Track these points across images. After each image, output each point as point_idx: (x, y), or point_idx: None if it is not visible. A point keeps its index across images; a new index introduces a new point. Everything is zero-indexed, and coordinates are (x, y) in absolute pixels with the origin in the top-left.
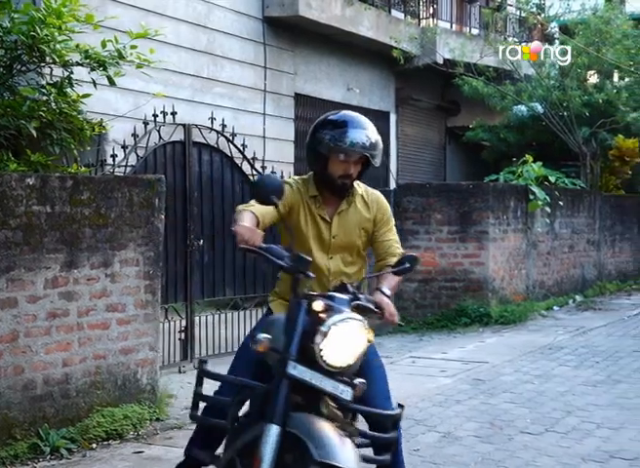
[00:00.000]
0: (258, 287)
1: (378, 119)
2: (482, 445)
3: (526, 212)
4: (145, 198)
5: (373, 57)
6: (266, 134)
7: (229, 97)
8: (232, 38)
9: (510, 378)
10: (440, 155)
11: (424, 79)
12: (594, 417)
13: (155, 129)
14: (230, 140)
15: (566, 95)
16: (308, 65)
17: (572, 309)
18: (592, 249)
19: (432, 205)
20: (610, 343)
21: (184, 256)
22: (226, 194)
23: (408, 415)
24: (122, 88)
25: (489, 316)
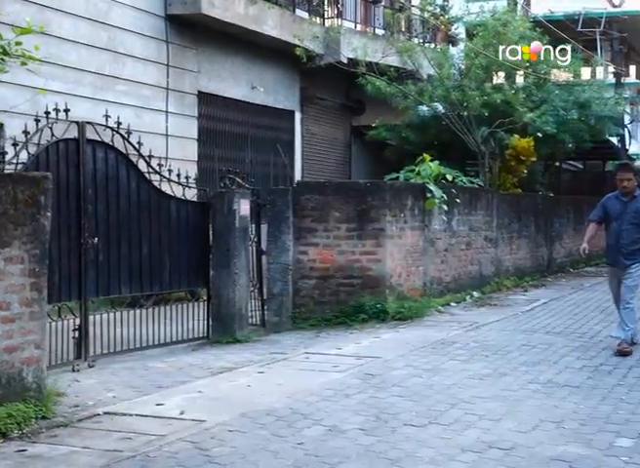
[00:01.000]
0: (154, 285)
1: (282, 118)
2: (366, 437)
3: (423, 209)
4: (31, 195)
5: (277, 55)
6: (169, 131)
7: (132, 95)
8: (134, 35)
9: (401, 373)
10: (345, 154)
11: (330, 78)
12: (477, 409)
13: (48, 126)
14: (126, 138)
15: (465, 95)
16: (212, 64)
17: (468, 305)
18: (490, 246)
19: (331, 203)
20: (501, 338)
21: (78, 254)
22: (122, 192)
23: (295, 410)
24: (20, 84)
25: (386, 312)
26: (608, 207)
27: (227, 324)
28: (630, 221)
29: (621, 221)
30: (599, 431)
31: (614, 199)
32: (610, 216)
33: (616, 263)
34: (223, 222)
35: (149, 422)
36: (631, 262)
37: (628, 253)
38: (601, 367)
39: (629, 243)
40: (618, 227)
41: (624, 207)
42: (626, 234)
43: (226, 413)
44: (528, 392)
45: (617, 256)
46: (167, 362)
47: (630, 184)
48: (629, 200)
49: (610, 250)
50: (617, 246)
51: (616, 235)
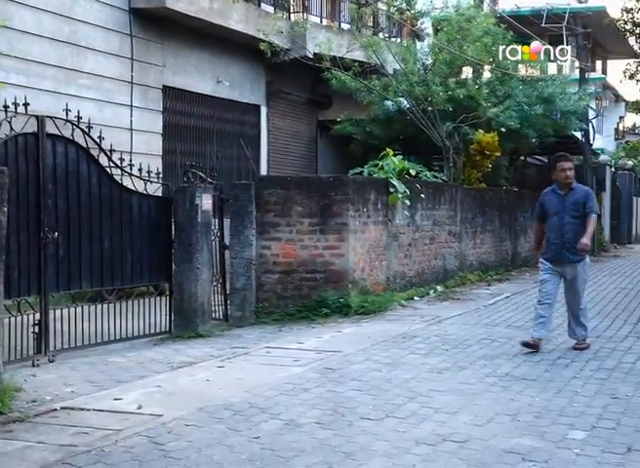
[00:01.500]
0: (115, 279)
1: (248, 112)
2: (322, 431)
3: (387, 204)
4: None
5: (243, 50)
6: (134, 126)
7: (95, 89)
8: (97, 29)
9: (360, 367)
10: (312, 148)
11: (296, 73)
12: (434, 403)
13: (7, 120)
14: (86, 132)
15: (429, 90)
16: (177, 58)
17: (432, 299)
18: (454, 240)
19: (293, 197)
20: (462, 332)
21: (38, 249)
22: (83, 186)
23: (253, 404)
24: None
25: (349, 307)
26: (545, 202)
27: (190, 318)
28: (571, 215)
29: (562, 215)
30: (553, 423)
31: (550, 193)
32: (549, 212)
33: (560, 259)
34: (186, 217)
35: (106, 417)
36: (578, 258)
37: (574, 248)
38: (559, 360)
39: (574, 237)
40: (559, 222)
41: (562, 200)
42: (570, 228)
43: (184, 408)
44: (485, 385)
45: (562, 252)
46: (127, 356)
47: (572, 174)
48: (567, 193)
49: (552, 245)
50: (561, 241)
51: (558, 230)
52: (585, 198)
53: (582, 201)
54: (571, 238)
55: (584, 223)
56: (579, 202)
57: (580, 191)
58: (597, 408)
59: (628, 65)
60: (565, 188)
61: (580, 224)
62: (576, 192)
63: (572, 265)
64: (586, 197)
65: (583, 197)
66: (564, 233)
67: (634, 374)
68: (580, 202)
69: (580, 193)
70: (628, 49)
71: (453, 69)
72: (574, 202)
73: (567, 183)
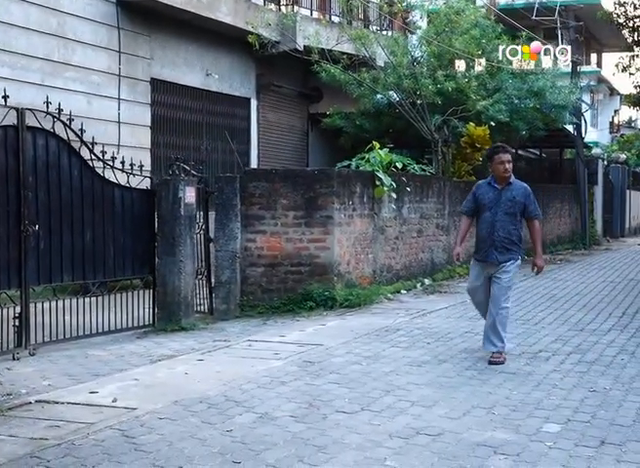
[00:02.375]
0: (98, 272)
1: (238, 105)
2: (295, 424)
3: (373, 197)
4: None
5: (232, 42)
6: (122, 119)
7: (82, 82)
8: (84, 21)
9: (340, 360)
10: (303, 141)
11: (287, 65)
12: (411, 396)
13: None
14: (67, 125)
15: (417, 83)
16: (165, 50)
17: (418, 292)
18: (442, 233)
19: (278, 190)
20: (446, 325)
21: (18, 242)
22: (64, 179)
23: (229, 397)
24: None
25: (334, 300)
26: (480, 195)
27: (173, 312)
28: (505, 211)
29: (495, 211)
30: (528, 417)
31: (486, 186)
32: (482, 206)
33: (488, 258)
34: (169, 210)
35: (80, 410)
36: (506, 258)
37: (503, 248)
38: (540, 353)
39: (505, 236)
40: (491, 218)
41: (498, 195)
42: (501, 225)
43: (159, 401)
44: (464, 379)
45: (490, 251)
46: (108, 350)
47: (511, 167)
48: (504, 187)
49: (481, 243)
50: (491, 239)
51: (489, 227)
52: (525, 197)
53: (521, 200)
54: (501, 236)
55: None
56: (516, 199)
57: (518, 187)
58: (574, 401)
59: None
60: (502, 182)
61: (513, 222)
62: (513, 188)
63: (498, 266)
64: (526, 196)
65: (522, 195)
66: (495, 230)
67: (614, 368)
68: (517, 200)
69: (519, 190)
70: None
71: (442, 62)
72: (510, 198)
73: (505, 177)
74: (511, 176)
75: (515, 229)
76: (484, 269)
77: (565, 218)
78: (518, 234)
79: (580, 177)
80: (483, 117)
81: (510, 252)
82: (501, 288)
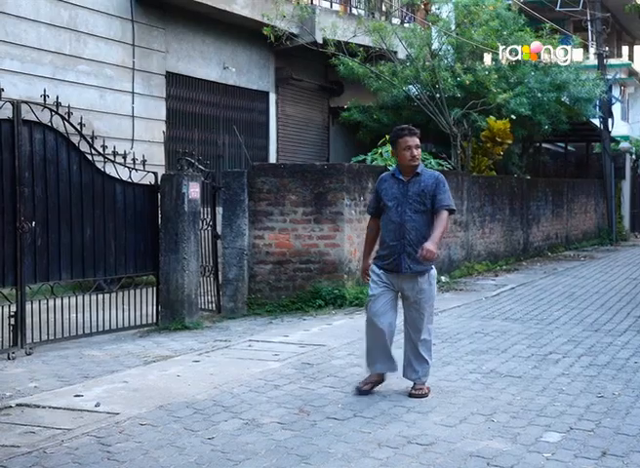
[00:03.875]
0: (98, 270)
1: (256, 99)
2: (281, 431)
3: None
4: None
5: (250, 35)
6: (135, 113)
7: (94, 75)
8: (97, 14)
9: (340, 362)
10: (323, 135)
11: (307, 58)
12: (408, 402)
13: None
14: (65, 118)
15: (435, 76)
16: (181, 43)
17: None
18: (460, 229)
19: (287, 186)
20: (456, 325)
21: (13, 239)
22: (62, 174)
23: (217, 402)
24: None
25: (343, 298)
26: (382, 191)
27: (176, 310)
28: (415, 208)
29: (403, 209)
30: (529, 424)
31: (389, 179)
32: (386, 204)
33: (397, 268)
34: (172, 206)
35: (61, 415)
36: (421, 268)
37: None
38: (550, 355)
39: (418, 239)
40: (398, 218)
41: (404, 189)
42: (412, 227)
43: (144, 406)
44: (466, 383)
45: (401, 259)
46: (105, 350)
47: (419, 154)
48: (410, 179)
49: (389, 249)
50: (401, 244)
51: (397, 228)
52: (435, 187)
53: (431, 191)
54: (413, 240)
55: (435, 221)
56: (426, 192)
57: (428, 177)
58: (579, 407)
59: None
60: (408, 173)
61: (427, 222)
62: (422, 179)
63: (412, 278)
64: (437, 185)
65: (433, 186)
66: (404, 233)
67: (626, 371)
68: (427, 192)
69: (429, 180)
70: None
71: (461, 55)
72: (419, 192)
73: (412, 166)
74: (420, 165)
75: (428, 230)
76: (392, 281)
77: (591, 214)
78: None
79: (607, 172)
80: (504, 110)
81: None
82: (423, 304)
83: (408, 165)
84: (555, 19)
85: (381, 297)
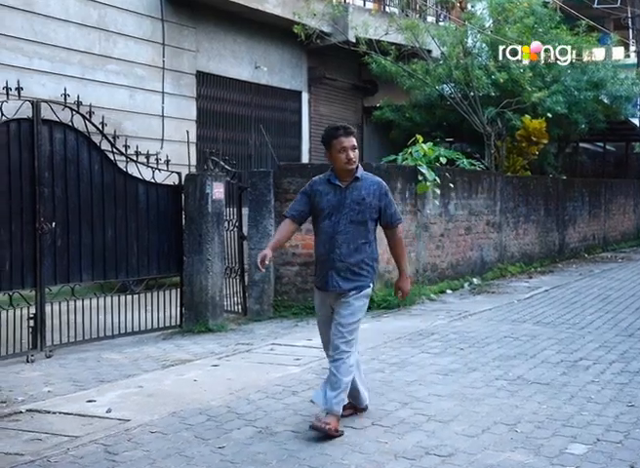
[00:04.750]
0: (120, 271)
1: (288, 98)
2: (295, 441)
3: (416, 193)
4: None
5: (283, 35)
6: (165, 112)
7: (124, 75)
8: (126, 13)
9: (363, 367)
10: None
11: (340, 58)
12: (429, 409)
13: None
14: (86, 118)
15: (469, 74)
16: (212, 42)
17: (465, 293)
18: (492, 231)
19: None
20: (485, 329)
21: (33, 240)
22: (83, 174)
23: (232, 409)
24: (2, 64)
25: (371, 300)
26: (316, 197)
27: (200, 312)
28: (351, 218)
29: (337, 219)
30: (554, 435)
31: (325, 184)
32: (319, 212)
33: (328, 286)
34: (196, 206)
35: (70, 421)
36: (352, 286)
37: (349, 271)
38: (580, 361)
39: (350, 252)
40: (331, 229)
41: (341, 196)
42: (345, 239)
43: (156, 412)
44: (491, 390)
45: (330, 275)
46: (125, 353)
47: (357, 155)
48: (348, 184)
49: (320, 264)
50: (331, 258)
51: (328, 241)
52: (380, 197)
53: (374, 201)
54: (344, 254)
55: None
56: (367, 201)
57: (370, 184)
58: (608, 417)
59: None
60: (346, 178)
61: (364, 234)
62: (363, 185)
63: (342, 296)
64: (382, 196)
65: (376, 194)
66: (334, 246)
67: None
68: (368, 202)
69: (371, 187)
70: None
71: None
72: (358, 199)
73: (348, 170)
74: (359, 168)
75: (366, 244)
76: (325, 300)
77: (629, 214)
78: (371, 251)
79: None
80: (539, 109)
81: (359, 277)
82: (341, 324)
83: (344, 168)
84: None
85: (320, 314)
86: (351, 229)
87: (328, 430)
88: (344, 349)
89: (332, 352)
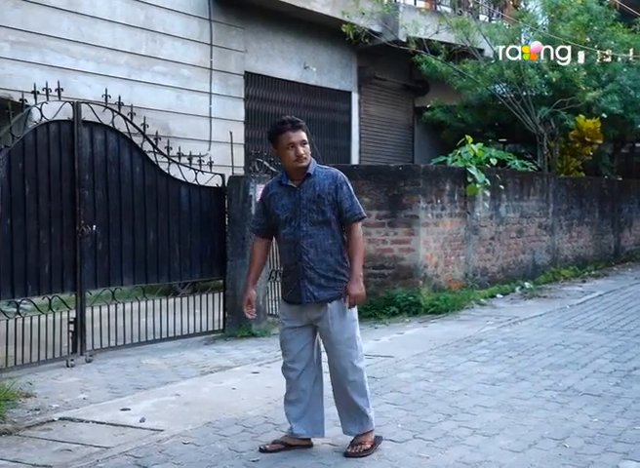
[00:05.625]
0: (162, 275)
1: (338, 99)
2: (333, 455)
3: (465, 195)
4: None
5: (332, 34)
6: (213, 114)
7: (171, 76)
8: (173, 14)
9: (406, 376)
10: (408, 136)
11: (390, 57)
12: (474, 422)
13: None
14: (128, 119)
15: (520, 73)
16: (260, 43)
17: (516, 297)
18: (545, 233)
19: (360, 188)
20: (535, 335)
21: (73, 243)
22: (124, 176)
23: (269, 419)
24: (48, 65)
25: (419, 305)
26: (271, 202)
27: (243, 317)
28: (311, 220)
29: (297, 223)
30: (605, 451)
31: (276, 188)
32: (277, 219)
33: (301, 298)
34: (239, 209)
35: (102, 431)
36: (329, 294)
37: (322, 278)
38: (634, 371)
39: (319, 257)
40: (292, 235)
41: (296, 197)
42: (311, 243)
43: (190, 422)
44: (540, 401)
45: (302, 286)
46: (165, 358)
47: (307, 151)
48: (301, 183)
49: (288, 275)
50: (297, 267)
51: (292, 248)
52: (336, 190)
53: (330, 194)
54: (313, 260)
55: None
56: (323, 196)
57: (324, 178)
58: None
59: None
60: (297, 176)
61: (330, 234)
62: (317, 180)
63: (319, 307)
64: (337, 188)
65: (331, 188)
66: (301, 253)
67: None
68: (325, 197)
69: (326, 181)
70: None
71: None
72: (314, 197)
73: (299, 168)
74: (311, 164)
75: (334, 244)
76: (299, 315)
77: None
78: (339, 250)
79: None
80: (594, 109)
81: (335, 282)
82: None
83: (294, 167)
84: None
85: (292, 341)
86: (314, 231)
87: (366, 450)
88: (357, 366)
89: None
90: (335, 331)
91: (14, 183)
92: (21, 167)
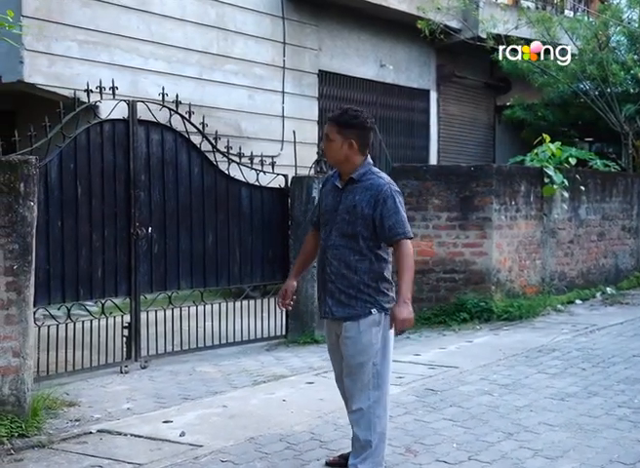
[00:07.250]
0: (221, 278)
1: (416, 98)
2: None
3: (541, 196)
4: (6, 183)
5: (409, 31)
6: (286, 113)
7: (243, 75)
8: (245, 12)
9: (469, 389)
10: (489, 135)
11: (470, 55)
12: (537, 442)
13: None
14: (185, 118)
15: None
16: (335, 40)
17: (596, 303)
18: (629, 236)
19: (430, 189)
20: (613, 345)
21: (127, 246)
22: (182, 177)
23: (316, 435)
24: (117, 65)
25: (490, 311)
26: (322, 196)
27: (305, 322)
28: (342, 231)
29: (330, 229)
30: None
31: (330, 183)
32: (322, 216)
33: (322, 311)
34: (302, 211)
35: (139, 445)
36: (346, 313)
37: (342, 294)
38: None
39: (340, 273)
40: (324, 241)
41: (337, 200)
42: (335, 255)
43: (232, 437)
44: (612, 420)
45: (323, 299)
46: (220, 365)
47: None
48: (345, 186)
49: (318, 284)
50: (322, 278)
51: (321, 257)
52: (375, 204)
53: (367, 208)
54: (335, 273)
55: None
56: (358, 209)
57: (366, 188)
58: None
59: None
60: (343, 177)
61: (356, 248)
62: (358, 188)
63: (338, 324)
64: (377, 202)
65: (371, 202)
66: (325, 263)
67: None
68: (360, 210)
69: (367, 193)
70: None
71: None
72: (349, 207)
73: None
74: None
75: (361, 261)
76: (330, 327)
77: None
78: (367, 269)
79: None
80: None
81: (356, 301)
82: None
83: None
84: None
85: (332, 356)
86: (342, 244)
87: None
88: (364, 397)
89: (349, 402)
90: (347, 355)
91: (65, 184)
92: (73, 167)
